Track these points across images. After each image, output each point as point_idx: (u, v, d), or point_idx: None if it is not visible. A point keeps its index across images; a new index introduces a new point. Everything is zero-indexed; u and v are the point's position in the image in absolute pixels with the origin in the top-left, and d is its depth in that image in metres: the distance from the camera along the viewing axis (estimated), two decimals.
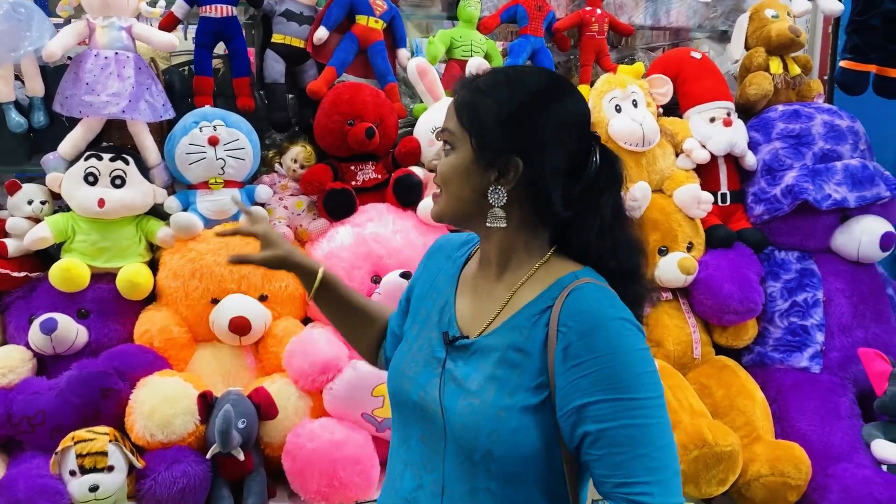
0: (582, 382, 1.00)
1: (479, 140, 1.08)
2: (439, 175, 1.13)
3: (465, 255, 1.24)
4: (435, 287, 1.23)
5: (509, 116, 1.08)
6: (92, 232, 2.20)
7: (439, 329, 1.17)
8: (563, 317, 1.03)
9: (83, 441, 1.86)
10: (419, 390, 1.13)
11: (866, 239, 2.64)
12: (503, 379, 1.06)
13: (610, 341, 1.00)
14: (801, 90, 2.92)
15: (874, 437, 2.38)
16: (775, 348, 2.66)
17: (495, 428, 1.04)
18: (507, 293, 1.12)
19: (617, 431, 0.98)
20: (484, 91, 1.10)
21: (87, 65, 2.16)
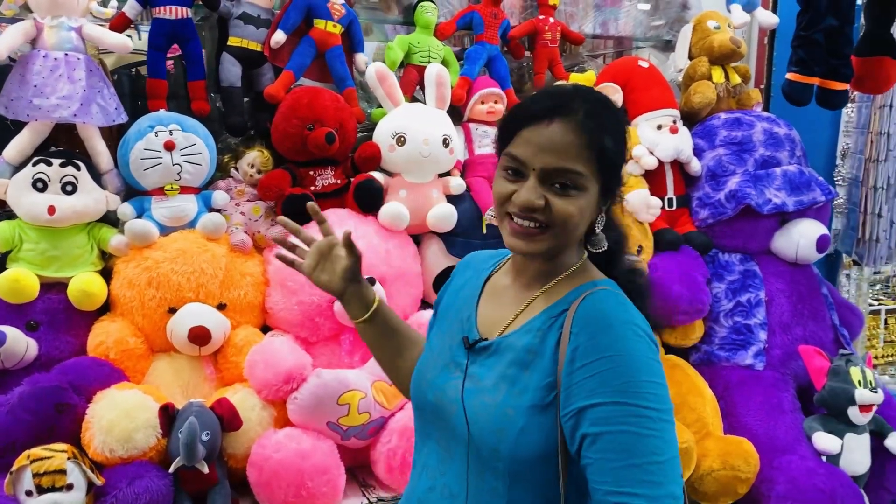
0: (587, 384, 1.01)
1: (609, 181, 1.12)
2: (559, 218, 1.08)
3: (492, 266, 1.29)
4: (460, 297, 1.28)
5: (624, 153, 1.13)
6: (41, 240, 2.10)
7: (461, 334, 1.21)
8: (576, 319, 1.06)
9: (40, 459, 1.77)
10: (435, 391, 1.18)
11: (804, 241, 2.78)
12: (513, 378, 1.10)
13: (617, 343, 1.02)
14: (740, 99, 3.06)
15: (815, 429, 2.51)
16: (721, 347, 2.77)
17: (502, 426, 1.07)
18: (528, 297, 1.17)
19: (614, 437, 0.97)
20: (606, 130, 1.09)
21: (35, 66, 2.07)
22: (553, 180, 1.07)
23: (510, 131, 1.12)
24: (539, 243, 1.10)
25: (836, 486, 2.29)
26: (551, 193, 1.07)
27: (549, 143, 1.07)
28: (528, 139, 1.08)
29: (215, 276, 2.20)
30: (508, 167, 1.11)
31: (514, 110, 1.14)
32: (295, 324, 2.27)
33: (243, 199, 2.39)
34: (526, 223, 1.09)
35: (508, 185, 1.11)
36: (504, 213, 1.12)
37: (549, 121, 1.07)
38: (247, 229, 2.37)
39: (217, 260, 2.22)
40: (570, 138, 1.06)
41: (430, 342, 1.30)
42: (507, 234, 1.12)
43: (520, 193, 1.08)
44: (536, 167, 1.07)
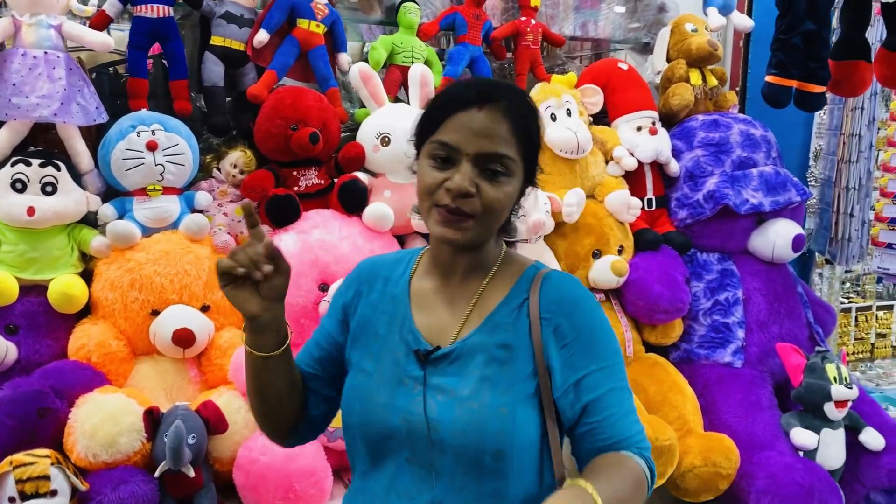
0: (575, 359, 1.10)
1: (532, 165, 1.14)
2: (489, 204, 1.08)
3: (405, 272, 1.23)
4: (380, 309, 1.21)
5: (541, 143, 1.15)
6: (20, 242, 2.07)
7: (405, 348, 1.16)
8: (543, 304, 1.13)
9: (23, 465, 1.74)
10: (401, 414, 1.11)
11: (780, 241, 2.83)
12: (495, 378, 1.10)
13: (588, 317, 1.13)
14: (717, 101, 3.10)
15: (792, 425, 2.56)
16: (700, 345, 2.81)
17: (501, 427, 1.07)
18: (472, 295, 1.16)
19: (609, 396, 1.08)
20: (530, 119, 1.11)
21: (14, 65, 2.03)
22: (486, 166, 1.07)
23: (436, 119, 1.10)
24: (468, 231, 1.09)
25: (813, 480, 2.34)
26: (482, 179, 1.07)
27: (482, 129, 1.06)
28: (460, 125, 1.07)
29: (199, 277, 2.18)
30: (437, 155, 1.08)
31: (439, 99, 1.12)
32: None
33: (226, 199, 2.37)
34: (454, 211, 1.08)
35: (437, 173, 1.08)
36: (432, 203, 1.09)
37: (480, 107, 1.07)
38: (230, 230, 2.34)
39: (201, 261, 2.19)
40: (500, 124, 1.07)
41: (359, 364, 1.19)
42: (436, 224, 1.10)
43: (454, 180, 1.06)
44: (470, 152, 1.06)
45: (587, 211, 2.73)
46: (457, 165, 1.07)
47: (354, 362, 1.20)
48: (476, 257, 1.17)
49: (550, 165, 2.74)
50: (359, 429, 1.16)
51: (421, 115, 1.15)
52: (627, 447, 1.07)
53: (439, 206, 1.08)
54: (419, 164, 1.13)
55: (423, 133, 1.13)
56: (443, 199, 1.07)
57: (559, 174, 2.74)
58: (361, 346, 1.20)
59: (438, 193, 1.08)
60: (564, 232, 2.72)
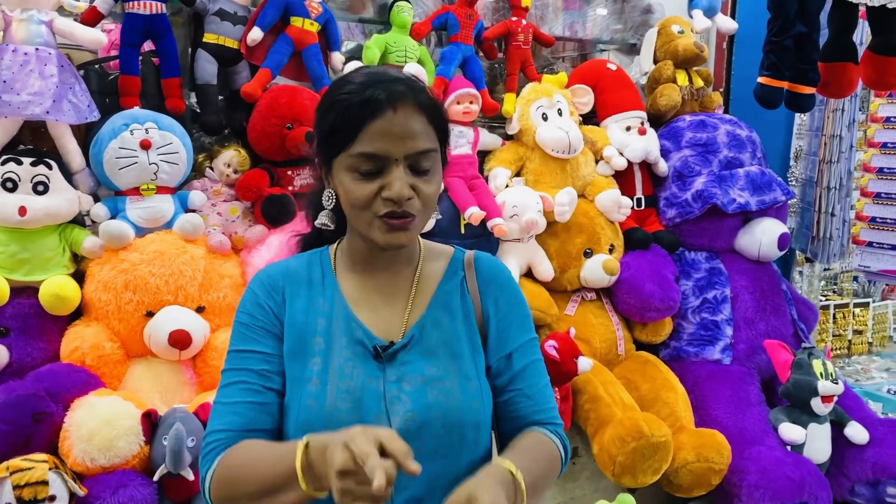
0: (509, 330, 1.20)
1: (444, 153, 1.15)
2: (428, 200, 1.09)
3: (326, 273, 1.19)
4: (314, 314, 1.15)
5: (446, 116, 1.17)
6: (10, 242, 2.02)
7: (357, 347, 1.12)
8: (480, 281, 1.22)
9: (20, 470, 1.70)
10: (374, 416, 1.07)
11: (766, 240, 2.89)
12: (460, 353, 1.16)
13: (515, 292, 1.25)
14: (703, 101, 3.15)
15: (781, 420, 2.61)
16: (690, 342, 2.85)
17: (472, 397, 1.12)
18: (409, 283, 1.19)
19: (532, 366, 1.21)
20: (436, 105, 1.11)
21: (4, 61, 1.98)
22: (415, 165, 1.07)
23: (350, 129, 1.04)
24: (412, 231, 1.10)
25: (804, 474, 2.38)
26: (415, 178, 1.07)
27: (403, 131, 1.05)
28: (381, 131, 1.04)
29: (194, 278, 2.15)
30: (362, 166, 1.04)
31: (344, 106, 1.05)
32: None
33: (219, 199, 2.35)
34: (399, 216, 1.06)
35: (367, 184, 1.05)
36: (370, 216, 1.07)
37: (394, 108, 1.04)
38: (224, 230, 2.32)
39: (196, 262, 2.16)
40: (418, 121, 1.06)
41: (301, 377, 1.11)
42: (383, 233, 1.07)
43: (393, 188, 1.04)
44: (399, 156, 1.04)
45: (578, 210, 2.75)
46: (385, 173, 1.05)
47: (297, 376, 1.12)
48: (406, 248, 1.19)
49: (542, 165, 2.75)
50: None
51: (324, 120, 1.08)
52: (542, 421, 1.19)
53: (381, 217, 1.06)
54: (337, 176, 1.08)
55: (333, 143, 1.07)
56: (381, 210, 1.06)
57: (551, 174, 2.76)
58: (301, 357, 1.13)
59: (375, 205, 1.06)
60: (556, 231, 2.74)
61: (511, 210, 2.56)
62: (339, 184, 1.09)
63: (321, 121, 1.10)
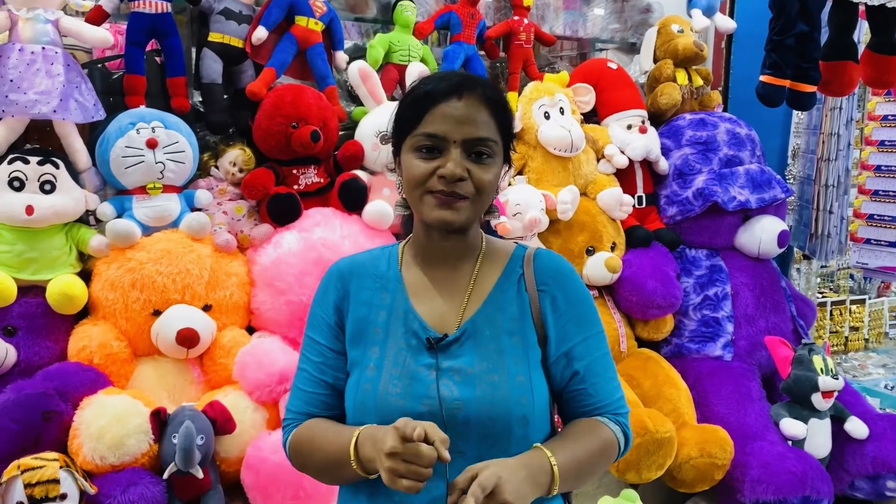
0: (567, 329, 1.20)
1: (509, 145, 1.20)
2: (480, 186, 1.14)
3: (391, 266, 1.26)
4: (376, 305, 1.22)
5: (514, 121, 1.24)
6: (17, 242, 2.02)
7: (412, 338, 1.18)
8: (538, 278, 1.22)
9: (31, 469, 1.70)
10: (422, 401, 1.13)
11: (766, 237, 2.91)
12: (508, 350, 1.17)
13: (578, 289, 1.24)
14: (702, 100, 3.17)
15: (782, 416, 2.63)
16: (691, 339, 2.87)
17: (522, 393, 1.14)
18: (468, 278, 1.23)
19: (596, 363, 1.21)
20: (505, 104, 1.18)
21: (11, 60, 1.98)
22: (472, 150, 1.13)
23: (416, 114, 1.14)
24: (463, 212, 1.14)
25: (806, 468, 2.40)
26: (470, 163, 1.13)
27: (465, 116, 1.12)
28: (443, 115, 1.12)
29: (201, 276, 2.15)
30: (423, 146, 1.13)
31: (414, 94, 1.16)
32: (283, 324, 2.24)
33: (225, 198, 2.35)
34: (449, 195, 1.13)
35: (426, 163, 1.13)
36: (423, 192, 1.14)
37: (459, 97, 1.13)
38: (230, 229, 2.32)
39: (203, 260, 2.17)
40: (481, 111, 1.14)
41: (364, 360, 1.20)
42: (431, 208, 1.14)
43: (447, 167, 1.11)
44: (458, 139, 1.12)
45: (580, 208, 2.77)
46: (444, 153, 1.12)
47: (357, 361, 1.21)
48: (464, 242, 1.23)
49: (544, 163, 2.77)
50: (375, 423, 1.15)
51: (397, 113, 1.19)
52: (605, 412, 1.21)
53: (433, 193, 1.13)
54: (403, 159, 1.17)
55: (402, 129, 1.17)
56: (436, 186, 1.13)
57: (553, 172, 2.77)
58: (362, 344, 1.21)
59: (431, 181, 1.13)
60: (558, 229, 2.76)
61: (514, 208, 2.57)
62: (403, 166, 1.17)
63: (396, 112, 1.19)
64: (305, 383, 1.26)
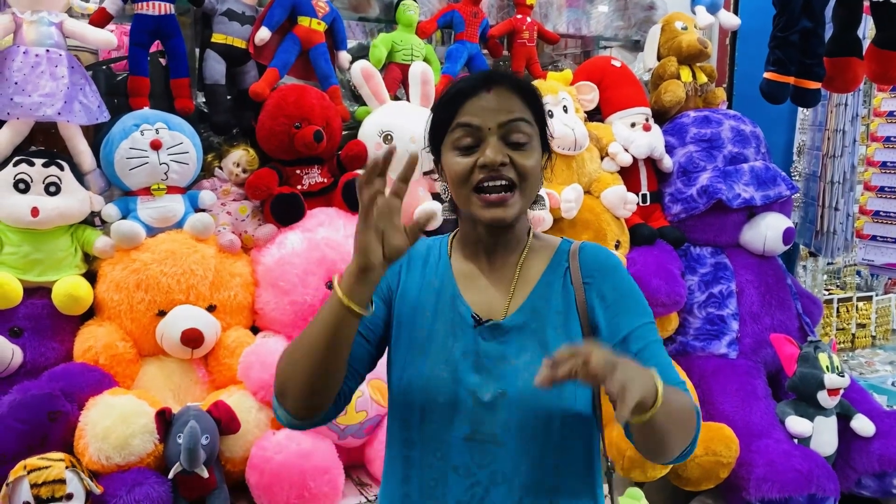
0: (618, 318, 1.19)
1: (544, 132, 1.20)
2: (524, 172, 1.14)
3: (441, 255, 1.29)
4: (426, 290, 1.25)
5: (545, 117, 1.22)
6: (23, 243, 2.03)
7: (459, 323, 1.20)
8: (584, 271, 1.22)
9: (37, 469, 1.71)
10: (468, 388, 1.16)
11: (771, 234, 2.90)
12: (553, 341, 1.18)
13: (625, 281, 1.24)
14: (707, 97, 3.16)
15: (787, 414, 2.62)
16: (696, 337, 2.87)
17: (563, 386, 1.10)
18: (513, 271, 1.23)
19: (653, 346, 1.19)
20: (534, 92, 1.19)
21: (15, 63, 1.99)
22: (509, 135, 1.14)
23: (448, 113, 1.16)
24: (513, 206, 1.15)
25: (811, 466, 2.40)
26: (510, 150, 1.14)
27: (497, 105, 1.14)
28: (477, 107, 1.14)
29: (205, 277, 2.16)
30: (461, 140, 1.14)
31: (445, 96, 1.18)
32: (287, 324, 2.25)
33: (229, 198, 2.35)
34: (496, 184, 1.13)
35: (466, 159, 1.14)
36: (469, 189, 1.15)
37: (488, 89, 1.15)
38: (233, 229, 2.33)
39: (207, 261, 2.18)
40: (513, 98, 1.16)
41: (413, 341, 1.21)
42: (481, 208, 1.14)
43: (486, 154, 1.12)
44: (493, 125, 1.13)
45: (584, 206, 2.76)
46: (482, 145, 1.13)
47: (404, 341, 1.23)
48: (512, 234, 1.23)
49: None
50: (419, 405, 1.19)
51: (432, 118, 1.21)
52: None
53: (479, 192, 1.14)
54: (444, 160, 1.19)
55: (438, 131, 1.19)
56: (479, 179, 1.13)
57: (557, 170, 2.76)
58: (409, 325, 1.24)
59: (473, 175, 1.14)
60: (562, 227, 2.75)
61: None
62: (445, 168, 1.18)
63: (430, 120, 1.21)
64: None
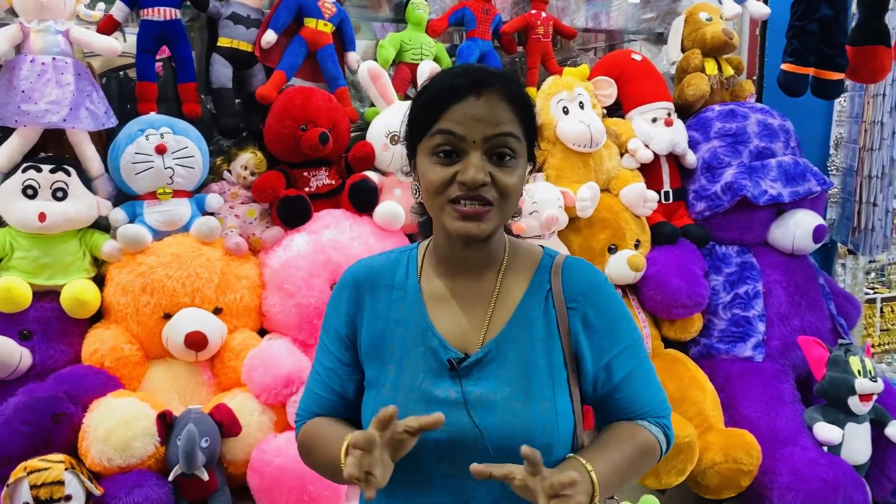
0: (602, 344, 1.14)
1: (532, 144, 1.12)
2: (505, 191, 1.06)
3: (410, 274, 1.19)
4: (392, 319, 1.16)
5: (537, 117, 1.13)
6: (32, 248, 2.07)
7: (432, 358, 1.12)
8: (567, 294, 1.14)
9: (37, 471, 1.75)
10: (445, 428, 1.01)
11: (800, 232, 2.78)
12: (535, 373, 1.10)
13: (610, 302, 1.17)
14: (734, 90, 3.05)
15: (816, 420, 2.51)
16: (720, 339, 2.77)
17: (546, 420, 1.08)
18: (491, 292, 1.15)
19: (635, 372, 1.16)
20: (525, 99, 1.10)
21: (23, 71, 2.03)
22: (494, 151, 1.05)
23: (431, 113, 1.06)
24: (488, 223, 1.06)
25: (838, 475, 2.29)
26: (492, 167, 1.05)
27: (485, 114, 1.04)
28: (461, 115, 1.04)
29: (211, 280, 2.17)
30: (441, 147, 1.05)
31: (429, 92, 1.08)
32: (292, 326, 2.25)
33: (237, 201, 2.36)
34: (472, 203, 1.05)
35: (444, 169, 1.05)
36: (444, 201, 1.06)
37: (477, 95, 1.04)
38: (241, 232, 2.34)
39: (212, 264, 2.19)
40: (502, 107, 1.05)
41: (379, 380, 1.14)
42: (454, 220, 1.06)
43: (467, 172, 1.03)
44: (477, 139, 1.04)
45: (602, 205, 2.70)
46: (464, 157, 1.04)
47: (373, 380, 1.16)
48: (488, 249, 1.15)
49: (563, 160, 2.70)
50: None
51: (410, 113, 1.11)
52: (645, 416, 1.17)
53: (454, 202, 1.05)
54: (419, 163, 1.10)
55: (416, 131, 1.10)
56: (457, 193, 1.05)
57: (572, 168, 2.70)
58: (377, 361, 1.16)
59: (450, 189, 1.05)
60: (579, 227, 2.69)
61: (531, 206, 2.51)
62: (420, 171, 1.10)
63: (409, 112, 1.12)
64: (316, 385, 1.24)
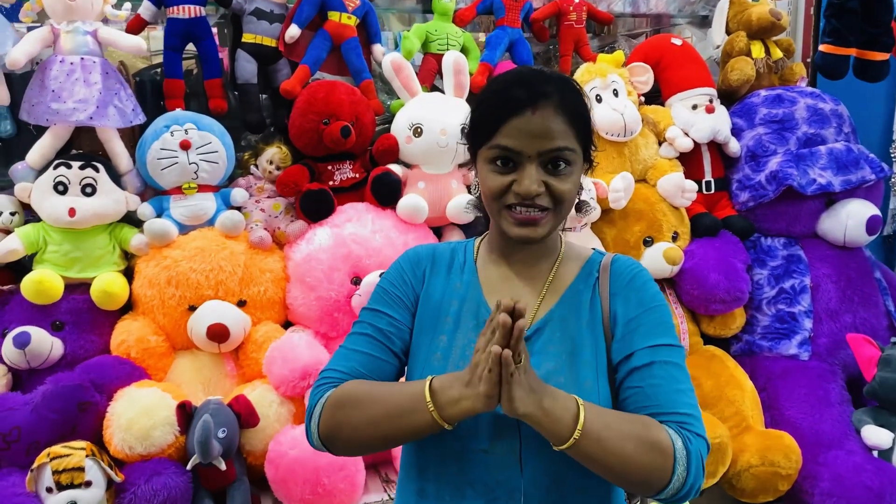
0: (632, 335, 1.14)
1: (587, 151, 1.16)
2: (560, 197, 1.10)
3: (467, 260, 1.25)
4: (449, 295, 1.22)
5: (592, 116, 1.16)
6: (64, 242, 2.15)
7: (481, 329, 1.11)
8: (613, 284, 1.18)
9: (59, 457, 1.82)
10: None
11: (852, 223, 2.62)
12: (580, 352, 1.14)
13: (653, 298, 1.17)
14: (783, 74, 2.90)
15: (864, 422, 2.36)
16: (763, 336, 2.64)
17: (588, 398, 1.07)
18: (544, 278, 1.20)
19: (657, 367, 1.11)
20: (581, 105, 1.13)
21: (53, 71, 2.11)
22: (549, 162, 1.10)
23: (490, 124, 1.11)
24: (544, 227, 1.12)
25: (884, 482, 2.15)
26: (547, 176, 1.10)
27: (540, 130, 1.08)
28: (518, 129, 1.08)
29: (234, 273, 2.21)
30: (498, 158, 1.11)
31: (488, 102, 1.13)
32: (314, 319, 2.26)
33: (263, 195, 2.39)
34: (529, 210, 1.10)
35: (502, 177, 1.11)
36: (501, 206, 1.12)
37: (533, 109, 1.08)
38: (267, 226, 2.36)
39: (236, 257, 2.22)
40: (557, 121, 1.09)
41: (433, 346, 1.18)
42: (511, 225, 1.12)
43: (521, 183, 1.09)
44: (533, 154, 1.09)
45: (638, 196, 2.61)
46: (520, 168, 1.10)
47: (423, 348, 1.20)
48: (543, 245, 1.20)
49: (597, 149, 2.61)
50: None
51: (472, 115, 1.17)
52: (669, 420, 1.06)
53: (510, 209, 1.12)
54: (479, 168, 1.16)
55: (477, 137, 1.15)
56: (511, 201, 1.11)
57: (606, 158, 2.62)
58: (430, 331, 1.20)
59: (507, 196, 1.11)
60: (613, 219, 2.61)
61: None
62: (479, 176, 1.16)
63: (472, 115, 1.18)
64: (365, 345, 1.19)
